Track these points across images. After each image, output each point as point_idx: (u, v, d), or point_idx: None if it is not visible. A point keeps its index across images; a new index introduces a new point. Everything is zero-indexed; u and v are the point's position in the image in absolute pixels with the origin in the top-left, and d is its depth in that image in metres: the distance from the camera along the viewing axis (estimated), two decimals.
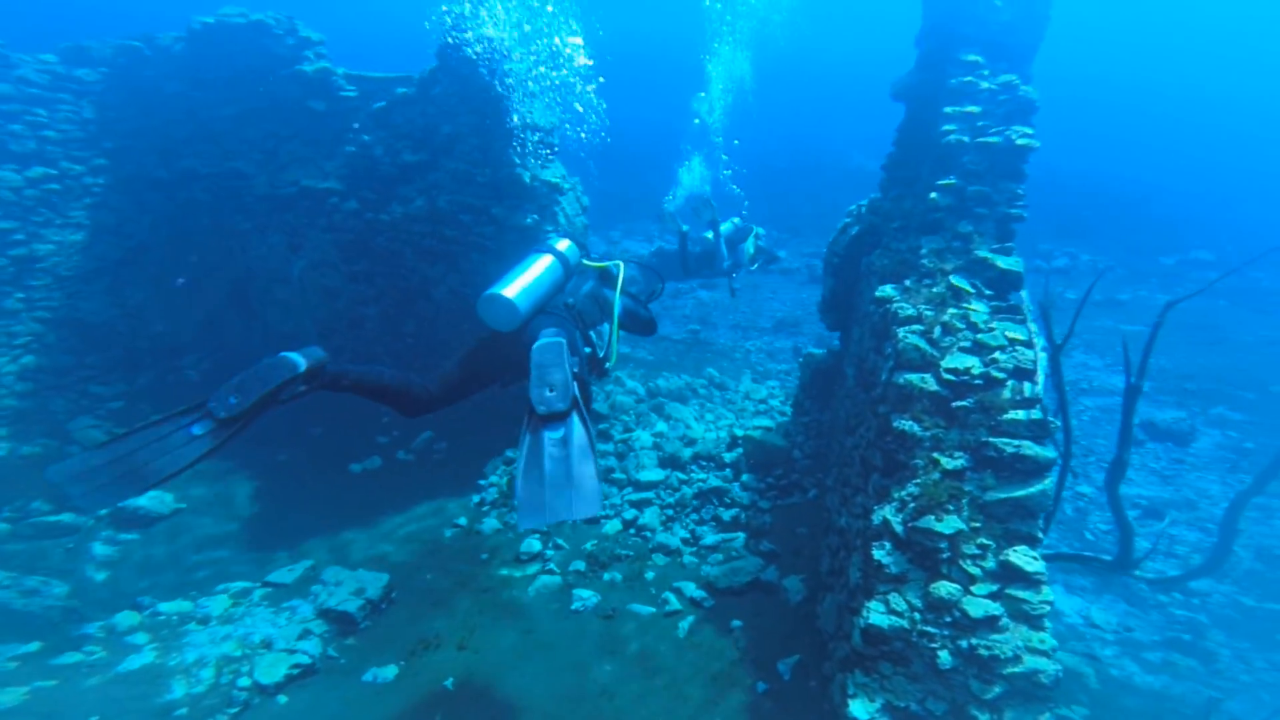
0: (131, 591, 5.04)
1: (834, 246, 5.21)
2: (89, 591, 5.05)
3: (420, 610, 4.69)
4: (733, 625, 4.16)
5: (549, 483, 2.24)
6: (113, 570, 5.38)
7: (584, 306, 3.09)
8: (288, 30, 6.52)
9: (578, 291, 3.15)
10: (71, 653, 4.10)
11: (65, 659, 4.05)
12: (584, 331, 3.00)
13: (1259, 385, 8.85)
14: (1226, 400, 8.39)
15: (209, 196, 7.35)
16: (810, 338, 11.50)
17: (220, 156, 7.09)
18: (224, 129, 7.00)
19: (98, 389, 7.22)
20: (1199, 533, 5.93)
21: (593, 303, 3.20)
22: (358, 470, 6.63)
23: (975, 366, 2.97)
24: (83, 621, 4.56)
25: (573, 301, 3.04)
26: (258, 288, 7.74)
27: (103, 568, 5.39)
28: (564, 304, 2.98)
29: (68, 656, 4.06)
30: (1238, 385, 8.78)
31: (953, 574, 2.64)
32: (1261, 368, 9.34)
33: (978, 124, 3.81)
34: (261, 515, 6.22)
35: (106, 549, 5.60)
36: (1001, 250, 3.54)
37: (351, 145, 6.57)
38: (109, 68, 6.91)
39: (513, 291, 2.71)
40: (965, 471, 2.81)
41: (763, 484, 5.36)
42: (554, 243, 3.14)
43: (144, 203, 7.41)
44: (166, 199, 7.44)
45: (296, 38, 6.55)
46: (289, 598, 4.77)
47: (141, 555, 5.58)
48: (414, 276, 6.78)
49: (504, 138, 5.86)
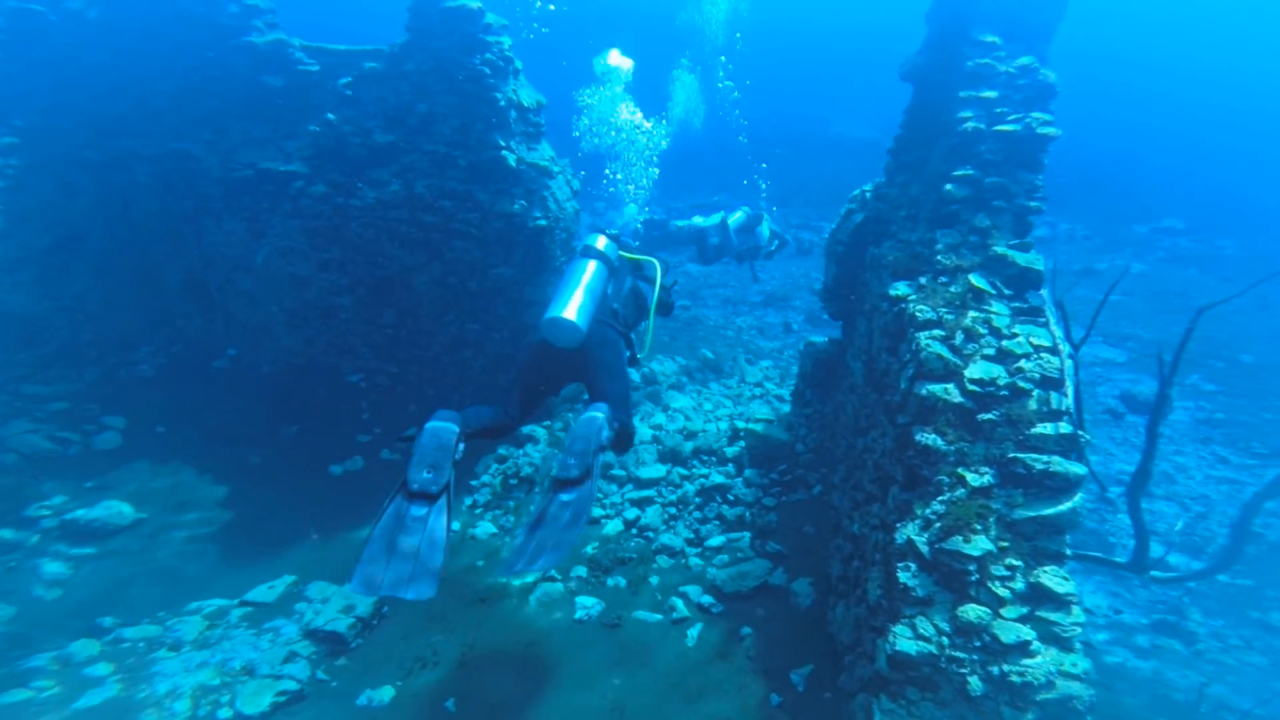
0: (89, 613, 4.57)
1: (837, 234, 5.01)
2: (38, 614, 4.56)
3: (415, 625, 4.49)
4: (743, 632, 4.09)
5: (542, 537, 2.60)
6: (65, 590, 4.86)
7: (627, 310, 3.42)
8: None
9: (620, 293, 3.44)
10: (18, 689, 3.68)
11: (10, 697, 3.63)
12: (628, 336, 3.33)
13: (1228, 355, 9.13)
14: (1200, 370, 8.62)
15: (152, 180, 6.68)
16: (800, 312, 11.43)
17: (162, 136, 6.39)
18: (163, 106, 6.29)
19: (33, 389, 6.56)
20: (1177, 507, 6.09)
21: (633, 301, 3.51)
22: (339, 472, 6.29)
23: (1001, 376, 2.84)
24: (30, 652, 4.10)
25: (618, 307, 3.34)
26: (217, 277, 7.19)
27: (54, 586, 4.86)
28: (611, 310, 3.26)
29: (13, 694, 3.65)
30: (1209, 354, 9.03)
31: (981, 596, 2.56)
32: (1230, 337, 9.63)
33: (995, 110, 3.61)
34: (235, 524, 5.85)
35: (57, 566, 5.05)
36: (1020, 246, 3.39)
37: (315, 124, 6.01)
38: (4, 35, 6.05)
39: (573, 313, 2.99)
40: (992, 488, 2.71)
41: (766, 480, 5.27)
42: (593, 242, 3.33)
43: (71, 186, 6.65)
44: (99, 182, 6.72)
45: (241, 5, 5.85)
46: (271, 617, 4.51)
47: (99, 572, 5.06)
48: (392, 265, 6.36)
49: (486, 118, 5.42)
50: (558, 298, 3.05)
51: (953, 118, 3.79)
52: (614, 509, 5.39)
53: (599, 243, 3.32)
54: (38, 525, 5.38)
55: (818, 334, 10.63)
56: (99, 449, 6.33)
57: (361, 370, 7.03)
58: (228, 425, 6.82)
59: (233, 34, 5.90)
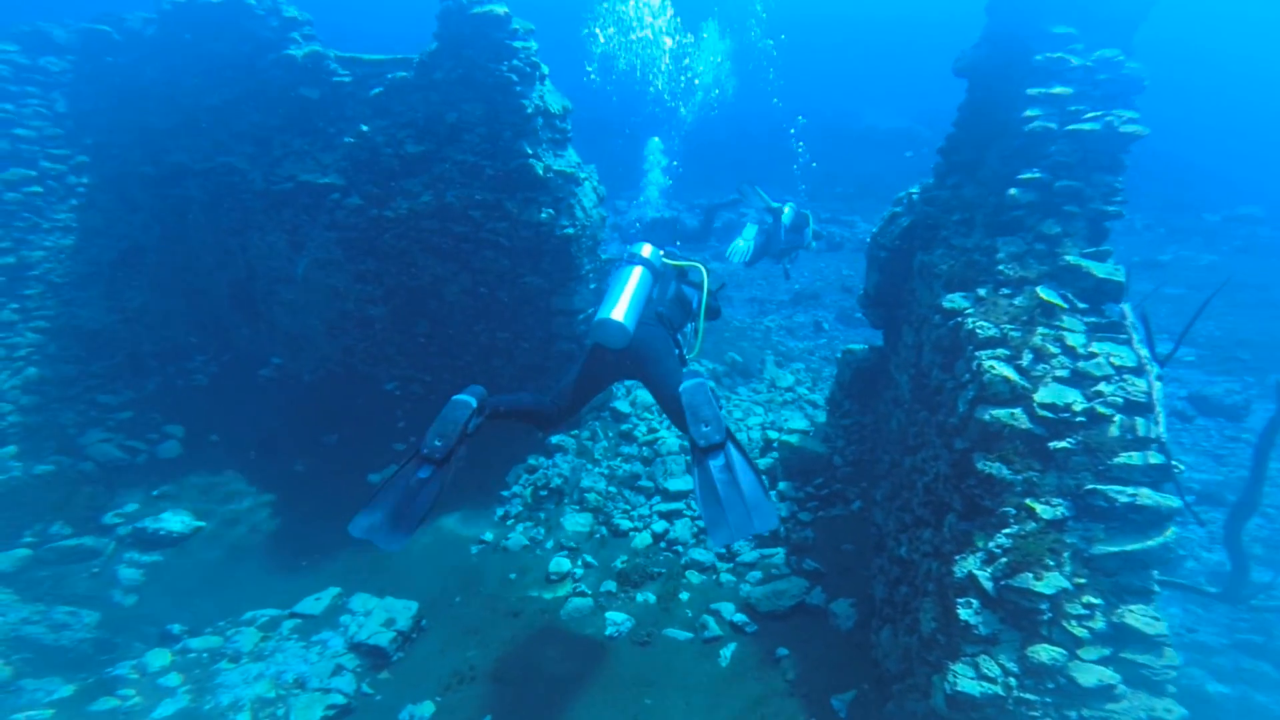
0: (162, 618, 4.93)
1: (880, 239, 4.75)
2: (119, 619, 4.95)
3: (452, 638, 4.53)
4: (779, 654, 3.95)
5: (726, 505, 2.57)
6: (140, 594, 5.28)
7: (671, 312, 3.52)
8: (270, 10, 5.92)
9: (664, 297, 3.57)
10: (106, 698, 3.99)
11: (100, 705, 3.95)
12: (674, 336, 3.44)
13: None
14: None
15: (202, 194, 6.92)
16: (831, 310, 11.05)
17: (210, 150, 6.60)
18: (209, 120, 6.49)
19: (105, 398, 6.98)
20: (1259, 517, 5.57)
21: (677, 305, 3.63)
22: (377, 481, 6.42)
23: (1077, 401, 2.60)
24: (115, 660, 4.44)
25: (663, 310, 3.45)
26: (261, 288, 7.39)
27: (130, 592, 5.28)
28: (656, 314, 3.36)
29: (103, 702, 3.96)
30: None
31: (1054, 636, 2.36)
32: None
33: (1069, 108, 3.31)
34: (282, 531, 6.06)
35: (132, 572, 5.47)
36: (1097, 255, 3.11)
37: (350, 136, 6.06)
38: (76, 55, 6.35)
39: (621, 314, 3.10)
40: (1066, 521, 2.49)
41: (801, 493, 5.09)
42: (638, 250, 3.47)
43: (133, 201, 6.99)
44: (156, 196, 7.01)
45: (280, 18, 5.95)
46: (318, 629, 4.63)
47: (167, 577, 5.47)
48: (424, 275, 6.39)
49: (514, 125, 5.35)
50: (605, 301, 3.20)
51: (1015, 116, 3.50)
52: (642, 522, 5.30)
53: (644, 250, 3.46)
54: (114, 533, 5.78)
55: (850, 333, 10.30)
56: (162, 457, 6.75)
57: (397, 379, 7.13)
58: (273, 434, 7.06)
59: (273, 47, 6.01)
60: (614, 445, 6.25)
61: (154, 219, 7.12)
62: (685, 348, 3.56)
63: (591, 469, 5.94)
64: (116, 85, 6.44)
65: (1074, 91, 3.31)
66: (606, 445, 6.24)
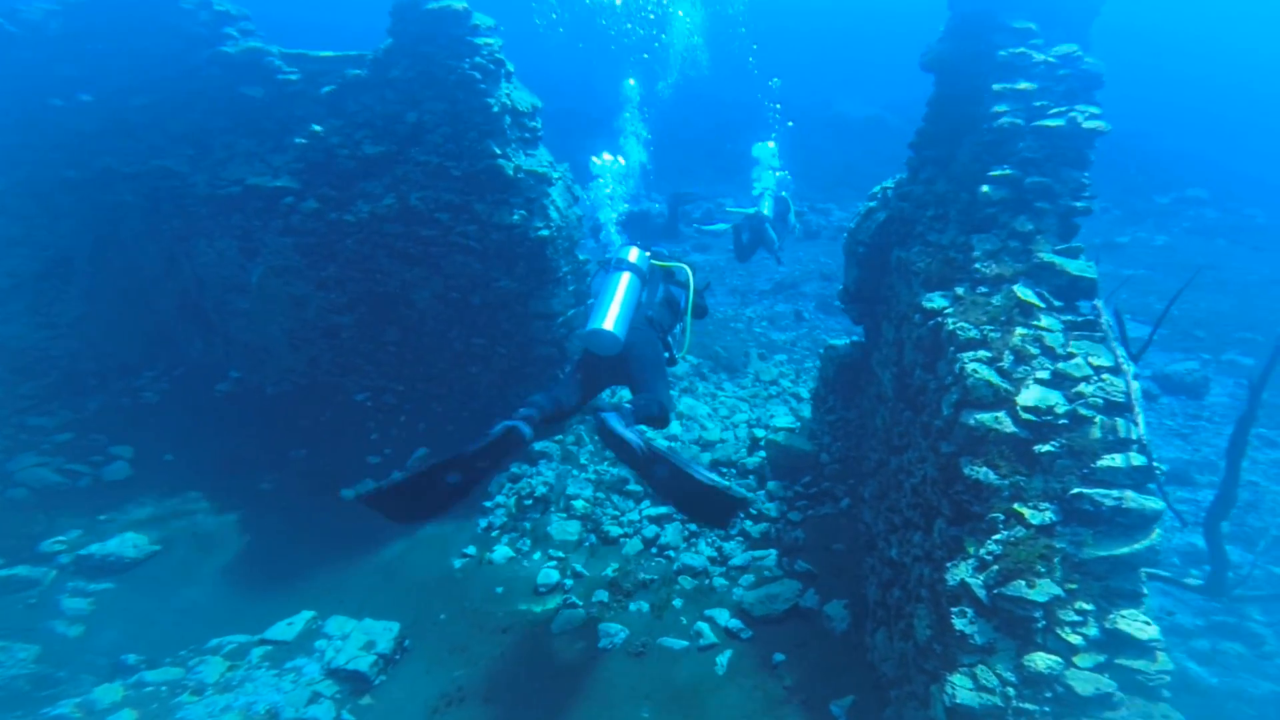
0: (114, 649, 4.54)
1: (857, 234, 4.72)
2: (62, 652, 4.53)
3: (437, 658, 4.38)
4: (775, 659, 3.94)
5: None
6: (87, 625, 4.82)
7: (660, 315, 3.65)
8: (198, 3, 5.51)
9: (653, 300, 3.67)
10: None
11: None
12: (664, 339, 3.59)
13: (1267, 327, 8.73)
14: (1236, 345, 8.26)
15: (138, 199, 6.43)
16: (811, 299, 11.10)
17: (143, 152, 6.12)
18: (140, 120, 6.00)
19: (37, 420, 6.43)
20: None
21: (666, 307, 3.75)
22: (350, 496, 6.16)
23: (1059, 404, 2.61)
24: (56, 696, 4.05)
25: (652, 314, 3.57)
26: (212, 298, 6.99)
27: (76, 623, 4.82)
28: (645, 318, 3.50)
29: None
30: (1245, 328, 8.66)
31: (1049, 644, 2.38)
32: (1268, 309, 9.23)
33: (1034, 104, 3.31)
34: (249, 554, 5.74)
35: (77, 602, 5.00)
36: (1069, 251, 3.12)
37: (301, 136, 5.73)
38: None
39: (611, 323, 3.26)
40: (1055, 526, 2.50)
41: (790, 492, 5.08)
42: (625, 255, 3.55)
43: (56, 208, 6.41)
44: (83, 202, 6.45)
45: (211, 12, 5.54)
46: (291, 656, 4.40)
47: (120, 605, 5.02)
48: (391, 281, 6.14)
49: (479, 125, 5.12)
50: (596, 310, 3.32)
51: (983, 111, 3.49)
52: (632, 527, 5.22)
53: (631, 255, 3.56)
54: (54, 561, 5.31)
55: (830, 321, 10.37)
56: (109, 480, 6.24)
57: (367, 389, 6.86)
58: (236, 450, 6.69)
59: (205, 43, 5.59)
60: (599, 449, 6.15)
61: (84, 226, 6.58)
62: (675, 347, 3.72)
63: (578, 474, 5.83)
64: (26, 83, 5.87)
65: (1038, 87, 3.31)
66: (592, 449, 6.12)
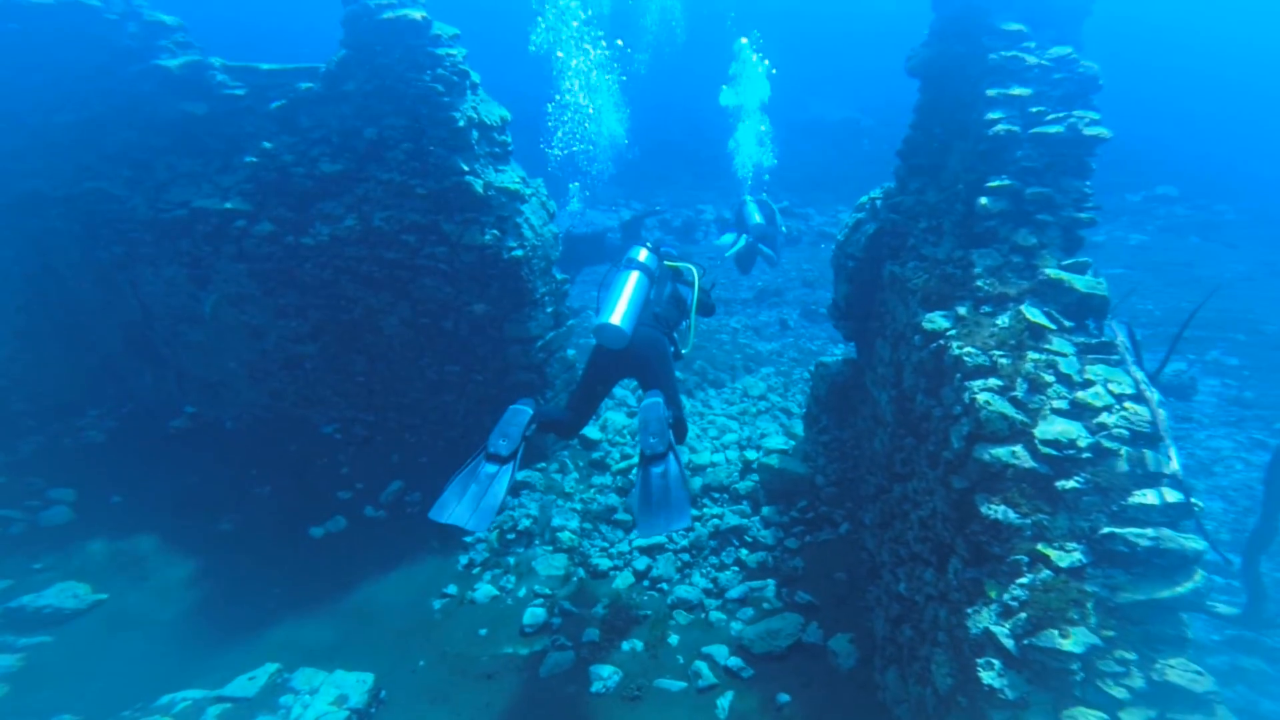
0: (45, 709, 4.02)
1: (846, 247, 4.54)
2: None
3: (418, 711, 4.03)
4: (780, 700, 3.71)
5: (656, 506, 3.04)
6: (15, 684, 4.30)
7: (667, 312, 3.80)
8: (125, 14, 5.05)
9: (661, 298, 3.81)
10: None
11: None
12: (670, 335, 3.73)
13: (1249, 325, 8.80)
14: (1220, 344, 8.30)
15: (70, 224, 5.91)
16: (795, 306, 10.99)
17: (73, 174, 5.63)
18: (66, 139, 5.51)
19: None
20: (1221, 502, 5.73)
21: (673, 305, 3.90)
22: (319, 534, 5.72)
23: (1081, 437, 2.42)
24: None
25: (660, 311, 3.72)
26: (161, 329, 6.51)
27: (2, 682, 4.30)
28: (653, 315, 3.65)
29: None
30: (1227, 327, 8.71)
31: (1089, 696, 2.17)
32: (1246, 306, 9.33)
33: (1030, 109, 3.15)
34: (207, 600, 5.24)
35: (6, 659, 4.45)
36: (1075, 266, 2.96)
37: (251, 155, 5.34)
38: None
39: (619, 318, 3.40)
40: (1085, 568, 2.31)
41: (786, 518, 4.86)
42: (635, 255, 3.72)
43: None
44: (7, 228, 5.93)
45: (141, 23, 5.09)
46: (253, 714, 3.97)
47: (56, 661, 4.49)
48: (356, 308, 5.76)
49: (444, 140, 4.81)
50: (605, 305, 3.46)
51: (975, 118, 3.33)
52: (622, 559, 4.95)
53: (640, 255, 3.72)
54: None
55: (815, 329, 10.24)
56: (46, 525, 5.71)
57: (336, 421, 6.46)
58: (193, 489, 6.22)
59: (137, 56, 5.14)
60: (585, 476, 5.86)
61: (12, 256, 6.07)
62: (680, 344, 3.88)
63: (563, 504, 5.53)
64: None
65: (1033, 92, 3.16)
66: (577, 477, 5.83)
